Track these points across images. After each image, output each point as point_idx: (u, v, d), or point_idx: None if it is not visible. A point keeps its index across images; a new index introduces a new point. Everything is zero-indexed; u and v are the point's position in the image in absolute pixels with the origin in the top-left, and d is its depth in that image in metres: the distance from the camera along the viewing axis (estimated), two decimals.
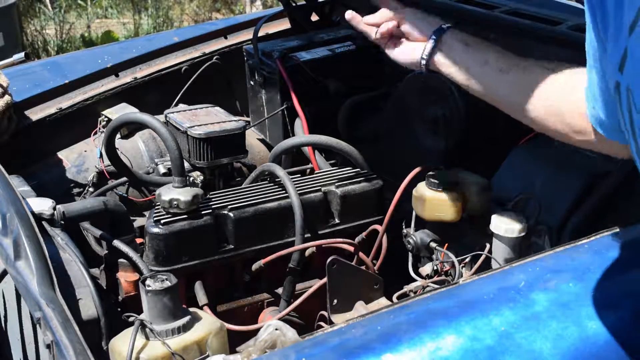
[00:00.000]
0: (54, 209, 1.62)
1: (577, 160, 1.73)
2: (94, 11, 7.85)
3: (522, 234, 1.60)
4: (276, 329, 1.18)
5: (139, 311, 1.32)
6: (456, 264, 1.63)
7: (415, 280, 1.69)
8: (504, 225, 1.60)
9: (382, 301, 1.67)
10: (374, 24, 1.55)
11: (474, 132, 1.97)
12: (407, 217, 1.77)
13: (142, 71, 2.52)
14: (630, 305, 1.17)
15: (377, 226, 1.75)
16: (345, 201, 1.78)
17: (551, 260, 1.27)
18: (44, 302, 1.25)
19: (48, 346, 1.19)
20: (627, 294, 1.18)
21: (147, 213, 1.98)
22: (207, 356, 1.28)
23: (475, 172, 1.74)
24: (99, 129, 2.32)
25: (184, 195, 1.63)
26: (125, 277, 1.64)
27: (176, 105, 2.45)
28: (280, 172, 1.78)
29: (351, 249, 1.71)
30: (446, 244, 1.70)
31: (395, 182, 1.74)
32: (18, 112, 2.22)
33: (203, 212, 1.66)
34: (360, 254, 1.70)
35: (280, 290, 1.74)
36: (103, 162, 2.21)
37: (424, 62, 1.50)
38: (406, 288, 1.65)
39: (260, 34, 2.48)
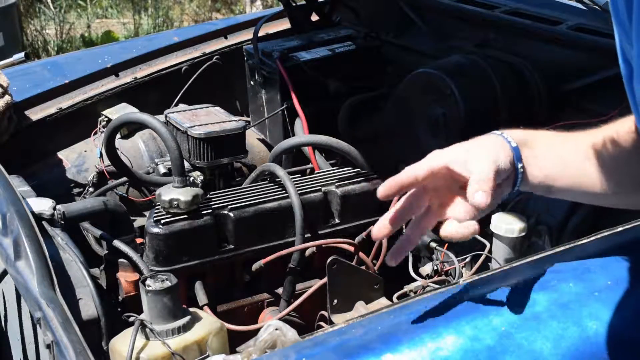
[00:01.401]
0: (54, 209, 1.62)
1: None
2: (94, 11, 7.85)
3: (522, 234, 1.60)
4: (276, 329, 1.18)
5: (139, 311, 1.32)
6: (456, 263, 1.63)
7: (415, 280, 1.69)
8: (504, 225, 1.60)
9: (382, 301, 1.67)
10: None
11: (474, 132, 1.97)
12: None
13: (142, 71, 2.52)
14: (631, 305, 1.17)
15: None
16: (345, 201, 1.77)
17: (551, 260, 1.27)
18: (44, 302, 1.25)
19: (48, 346, 1.19)
20: (628, 293, 1.18)
21: (147, 213, 1.98)
22: (207, 356, 1.28)
23: None
24: (99, 129, 2.32)
25: (184, 195, 1.63)
26: (125, 277, 1.64)
27: (176, 105, 2.45)
28: (280, 172, 1.77)
29: (351, 249, 1.71)
30: (446, 244, 1.70)
31: None
32: (18, 112, 2.22)
33: (203, 212, 1.66)
34: (360, 254, 1.70)
35: (280, 290, 1.74)
36: (103, 162, 2.21)
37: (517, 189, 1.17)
38: (406, 288, 1.65)
39: (260, 34, 2.48)
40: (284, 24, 2.71)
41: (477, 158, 1.12)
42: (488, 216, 1.64)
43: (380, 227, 1.12)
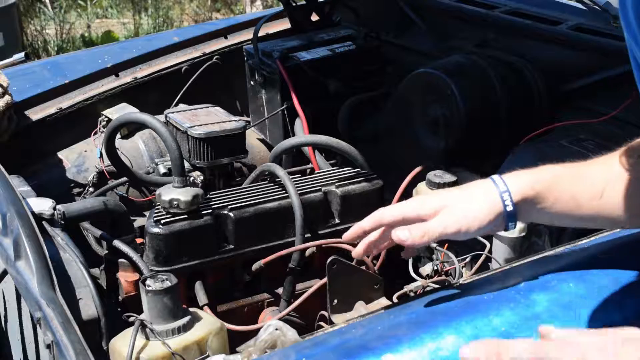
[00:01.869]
0: (54, 209, 1.62)
1: (578, 159, 1.73)
2: (94, 11, 7.85)
3: (522, 234, 1.60)
4: (276, 329, 1.18)
5: (139, 311, 1.32)
6: (456, 263, 1.62)
7: (415, 280, 1.69)
8: None
9: (382, 301, 1.67)
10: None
11: (474, 132, 1.97)
12: None
13: (142, 71, 2.52)
14: (632, 306, 1.17)
15: None
16: (345, 201, 1.77)
17: (551, 260, 1.27)
18: (44, 302, 1.25)
19: (48, 346, 1.19)
20: (628, 294, 1.18)
21: (147, 213, 1.98)
22: (207, 356, 1.28)
23: (476, 172, 1.74)
24: (99, 129, 2.32)
25: (184, 195, 1.63)
26: (125, 277, 1.64)
27: (176, 105, 2.45)
28: (280, 172, 1.77)
29: (351, 249, 1.71)
30: (446, 244, 1.70)
31: (395, 182, 1.74)
32: (18, 112, 2.22)
33: (203, 212, 1.66)
34: None
35: (280, 290, 1.74)
36: (103, 162, 2.21)
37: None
38: (406, 288, 1.65)
39: (260, 34, 2.48)
40: (284, 24, 2.71)
41: (444, 214, 1.15)
42: None
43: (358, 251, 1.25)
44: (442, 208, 1.15)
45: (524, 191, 1.15)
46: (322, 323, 1.66)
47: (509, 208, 1.14)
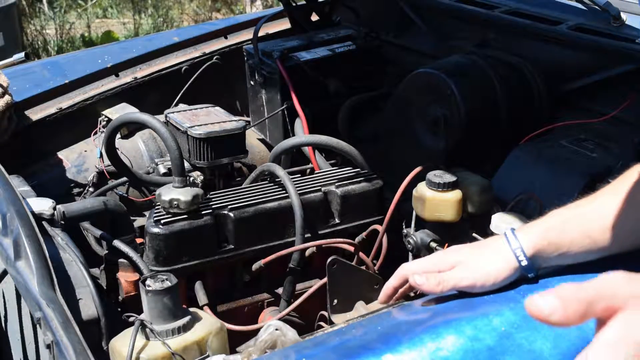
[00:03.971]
0: (54, 209, 1.62)
1: (577, 159, 1.73)
2: (94, 11, 7.85)
3: None
4: (276, 329, 1.18)
5: (139, 311, 1.32)
6: None
7: None
8: (504, 225, 1.60)
9: None
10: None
11: (474, 132, 1.97)
12: (407, 217, 1.77)
13: (142, 71, 2.52)
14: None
15: (377, 226, 1.75)
16: (345, 201, 1.78)
17: None
18: (44, 302, 1.25)
19: (48, 346, 1.19)
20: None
21: (147, 213, 1.98)
22: (207, 356, 1.28)
23: (476, 172, 1.74)
24: (99, 129, 2.32)
25: (184, 195, 1.63)
26: (125, 277, 1.64)
27: (176, 105, 2.45)
28: (280, 172, 1.78)
29: (351, 249, 1.71)
30: (446, 244, 1.70)
31: (395, 182, 1.74)
32: (18, 112, 2.22)
33: (203, 212, 1.66)
34: (360, 254, 1.70)
35: (280, 290, 1.74)
36: (103, 162, 2.21)
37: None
38: None
39: (260, 34, 2.48)
40: (284, 24, 2.71)
41: (459, 269, 1.21)
42: (488, 216, 1.64)
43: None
44: (458, 263, 1.21)
45: (536, 243, 1.18)
46: (322, 323, 1.66)
47: (524, 263, 1.18)
